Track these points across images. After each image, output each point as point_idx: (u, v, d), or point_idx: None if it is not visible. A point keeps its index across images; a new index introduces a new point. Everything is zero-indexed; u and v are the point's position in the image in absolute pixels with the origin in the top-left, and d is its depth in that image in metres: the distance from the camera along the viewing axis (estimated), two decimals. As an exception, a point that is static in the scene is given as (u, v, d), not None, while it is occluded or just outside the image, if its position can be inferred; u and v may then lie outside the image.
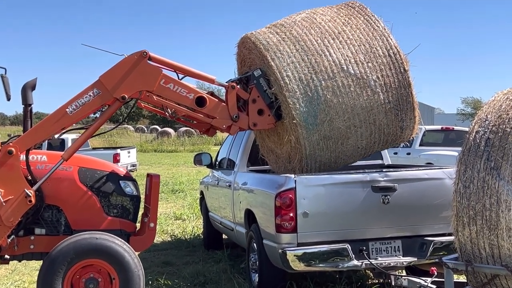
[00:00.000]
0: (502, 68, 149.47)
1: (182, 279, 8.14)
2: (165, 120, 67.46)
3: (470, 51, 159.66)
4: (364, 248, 6.38)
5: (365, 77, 6.60)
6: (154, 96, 6.39)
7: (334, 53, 6.64)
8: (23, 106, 6.47)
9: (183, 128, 58.32)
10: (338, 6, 7.25)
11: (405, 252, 6.51)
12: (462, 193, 4.97)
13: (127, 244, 5.95)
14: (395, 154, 17.43)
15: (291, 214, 6.27)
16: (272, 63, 6.56)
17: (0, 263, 6.57)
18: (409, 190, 6.54)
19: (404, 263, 6.50)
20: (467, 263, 4.96)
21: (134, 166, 25.45)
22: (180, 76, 6.49)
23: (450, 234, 5.40)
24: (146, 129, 73.23)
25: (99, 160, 6.75)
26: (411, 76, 6.77)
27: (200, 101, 6.41)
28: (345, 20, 6.93)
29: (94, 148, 26.65)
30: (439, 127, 20.26)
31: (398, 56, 6.75)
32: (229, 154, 9.26)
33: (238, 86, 6.72)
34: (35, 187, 5.95)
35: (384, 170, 6.72)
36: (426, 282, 5.91)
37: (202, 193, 10.88)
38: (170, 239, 11.47)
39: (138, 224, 6.73)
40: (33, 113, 6.50)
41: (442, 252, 6.33)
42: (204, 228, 10.58)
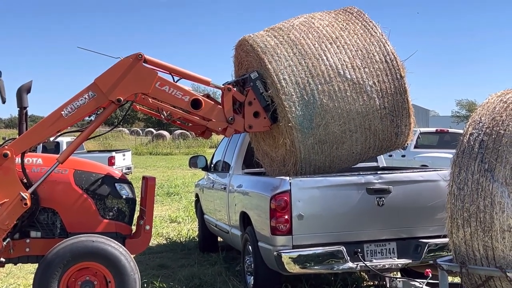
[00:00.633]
0: (496, 71, 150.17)
1: (178, 282, 8.14)
2: (160, 122, 67.48)
3: (465, 54, 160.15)
4: (359, 250, 6.39)
5: (361, 82, 6.63)
6: (150, 99, 6.39)
7: (331, 57, 6.67)
8: (18, 109, 6.46)
9: (178, 131, 58.28)
10: (336, 12, 7.29)
11: (400, 254, 6.52)
12: (456, 195, 4.99)
13: (123, 247, 5.95)
14: (390, 156, 17.45)
15: (286, 217, 6.28)
16: (269, 66, 6.58)
17: (-2, 267, 6.57)
18: (403, 192, 6.56)
19: (399, 265, 6.50)
20: (461, 264, 4.97)
21: (129, 169, 25.41)
22: (176, 78, 6.50)
23: (445, 236, 5.42)
24: (141, 132, 73.20)
25: (94, 163, 6.74)
26: (407, 82, 6.81)
27: (196, 103, 6.42)
28: (343, 26, 6.97)
29: (89, 151, 26.63)
30: (433, 129, 20.29)
31: (395, 62, 6.78)
32: (224, 156, 9.26)
33: (235, 88, 6.74)
34: (30, 190, 5.95)
35: (379, 173, 6.73)
36: (421, 284, 5.92)
37: (197, 195, 10.87)
38: (165, 242, 11.47)
39: (134, 227, 6.73)
40: (28, 116, 6.49)
41: (437, 254, 6.34)
42: (199, 231, 10.57)
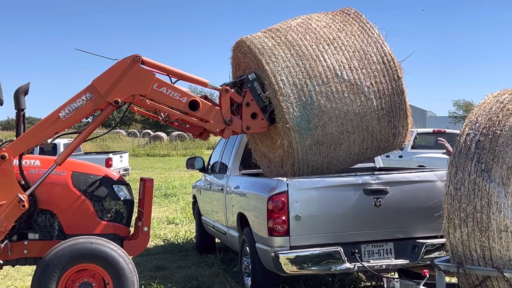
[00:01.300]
0: (493, 71, 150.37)
1: (175, 284, 8.15)
2: (157, 124, 67.46)
3: (462, 54, 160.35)
4: (357, 250, 6.40)
5: (358, 83, 6.64)
6: (147, 100, 6.40)
7: (329, 58, 6.68)
8: (15, 111, 6.46)
9: (176, 132, 58.24)
10: (333, 13, 7.30)
11: (397, 254, 6.54)
12: (453, 195, 5.01)
13: (122, 249, 5.94)
14: (387, 157, 17.46)
15: (284, 217, 6.29)
16: (267, 67, 6.60)
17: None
18: (400, 192, 6.58)
19: (397, 265, 6.52)
20: (458, 265, 4.99)
21: (126, 171, 25.37)
22: (173, 80, 6.51)
23: (442, 237, 5.44)
24: (138, 133, 73.10)
25: (92, 165, 6.73)
26: (404, 83, 6.82)
27: (193, 105, 6.43)
28: (340, 27, 6.98)
29: (86, 153, 26.55)
30: (430, 130, 20.32)
31: (392, 63, 6.79)
32: (221, 158, 9.27)
33: (232, 90, 6.75)
34: (28, 192, 5.94)
35: (376, 173, 6.75)
36: (418, 284, 5.93)
37: (194, 197, 10.88)
38: (162, 243, 11.47)
39: (132, 229, 6.73)
40: (25, 118, 6.49)
41: (434, 254, 6.36)
42: (197, 232, 10.57)
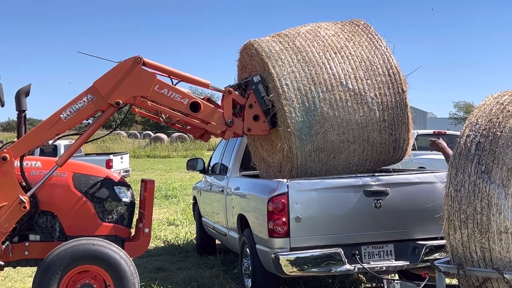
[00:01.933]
0: (494, 73, 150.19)
1: (175, 285, 8.15)
2: (158, 125, 67.41)
3: (462, 55, 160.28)
4: (357, 252, 6.40)
5: (363, 93, 6.68)
6: (149, 102, 6.41)
7: (335, 66, 6.73)
8: (17, 112, 6.48)
9: (176, 134, 58.23)
10: (343, 23, 7.37)
11: (397, 256, 6.54)
12: (453, 196, 5.01)
13: (123, 251, 5.95)
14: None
15: (284, 219, 6.30)
16: (273, 71, 6.63)
17: (-3, 270, 6.57)
18: (401, 194, 6.58)
19: (397, 267, 6.53)
20: (458, 266, 4.99)
21: (127, 172, 25.38)
22: (175, 81, 6.52)
23: (442, 238, 5.44)
24: (139, 134, 73.08)
25: (93, 166, 6.74)
26: (408, 97, 6.87)
27: (195, 106, 6.44)
28: (348, 36, 7.04)
29: (87, 154, 26.55)
30: (431, 131, 20.30)
31: (398, 76, 6.84)
32: (221, 159, 9.28)
33: (236, 92, 6.77)
34: (29, 193, 5.95)
35: (376, 175, 6.75)
36: (418, 286, 5.94)
37: (195, 198, 10.89)
38: (163, 244, 11.48)
39: (133, 230, 6.74)
40: (27, 119, 6.50)
41: (434, 256, 6.36)
42: (197, 234, 10.58)
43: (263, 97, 6.71)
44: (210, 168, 10.02)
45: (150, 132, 71.07)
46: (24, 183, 6.03)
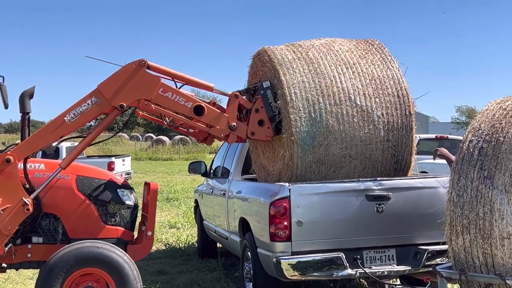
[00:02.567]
0: (496, 77, 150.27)
1: (177, 288, 8.16)
2: (160, 128, 67.46)
3: (465, 60, 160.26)
4: (358, 256, 6.40)
5: (370, 111, 6.72)
6: (152, 105, 6.43)
7: (345, 81, 6.79)
8: (20, 114, 6.49)
9: (178, 136, 58.26)
10: (357, 40, 7.46)
11: (399, 260, 6.53)
12: (456, 202, 5.01)
13: (127, 255, 5.95)
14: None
15: (286, 223, 6.30)
16: (283, 78, 6.69)
17: (-1, 272, 6.58)
18: (403, 199, 6.58)
19: (398, 272, 6.52)
20: (460, 272, 4.99)
21: (128, 174, 25.39)
22: (179, 84, 6.53)
23: (444, 243, 5.44)
24: (141, 137, 73.13)
25: (96, 169, 6.75)
26: (414, 120, 6.92)
27: (198, 109, 6.46)
28: (361, 54, 7.11)
29: (89, 156, 26.56)
30: (433, 135, 20.26)
31: (406, 98, 6.90)
32: (223, 162, 9.29)
33: (244, 96, 6.79)
34: (32, 196, 5.96)
35: (378, 179, 6.75)
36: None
37: (196, 201, 10.89)
38: (164, 247, 11.48)
39: (135, 233, 6.75)
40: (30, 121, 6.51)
41: (436, 261, 6.36)
42: (199, 237, 10.59)
43: (270, 103, 6.75)
44: (212, 171, 10.02)
45: (152, 135, 71.13)
46: (27, 185, 6.05)
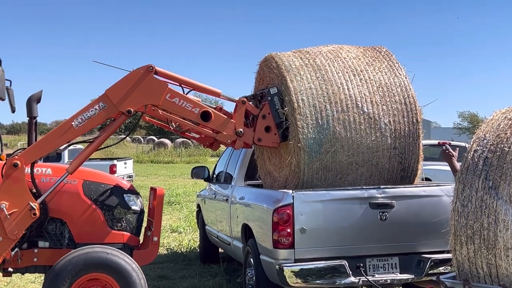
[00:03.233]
0: (499, 83, 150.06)
1: (179, 293, 8.17)
2: (161, 131, 67.35)
3: (467, 65, 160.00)
4: (361, 264, 6.40)
5: (377, 118, 6.74)
6: (159, 110, 6.46)
7: (352, 88, 6.79)
8: (28, 118, 6.53)
9: (180, 139, 58.19)
10: (365, 48, 7.47)
11: (402, 269, 6.53)
12: (460, 211, 5.01)
13: (136, 263, 5.97)
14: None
15: (289, 230, 6.30)
16: (290, 85, 6.69)
17: (3, 276, 6.60)
18: (406, 207, 6.58)
19: (401, 280, 6.53)
20: (464, 282, 4.98)
21: (130, 177, 25.38)
22: (186, 90, 6.56)
23: (448, 252, 5.45)
24: (142, 139, 73.10)
25: (103, 174, 6.78)
26: (421, 128, 6.94)
27: (205, 115, 6.48)
28: (369, 61, 7.12)
29: (91, 159, 26.47)
30: (435, 141, 20.22)
31: (414, 106, 6.92)
32: (226, 167, 9.30)
33: (251, 102, 6.81)
34: (39, 200, 5.98)
35: (381, 187, 6.77)
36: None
37: (198, 206, 10.90)
38: (166, 252, 11.47)
39: (141, 238, 6.77)
40: (37, 125, 6.54)
41: (439, 270, 6.37)
42: (201, 242, 10.59)
43: (277, 109, 6.75)
44: (214, 176, 10.03)
45: (154, 137, 71.09)
46: (34, 189, 6.07)
